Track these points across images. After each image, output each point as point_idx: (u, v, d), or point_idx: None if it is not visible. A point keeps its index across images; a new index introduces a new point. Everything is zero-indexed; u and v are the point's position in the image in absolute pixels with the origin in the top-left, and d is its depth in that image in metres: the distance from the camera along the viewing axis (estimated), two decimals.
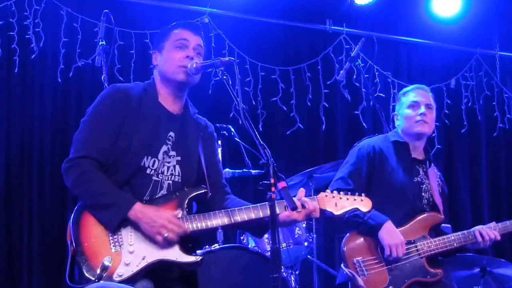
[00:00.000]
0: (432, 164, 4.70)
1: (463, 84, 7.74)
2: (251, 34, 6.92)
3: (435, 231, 4.49)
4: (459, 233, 4.48)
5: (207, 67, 3.52)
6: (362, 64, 5.32)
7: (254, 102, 6.85)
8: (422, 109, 4.55)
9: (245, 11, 6.87)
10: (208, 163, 3.67)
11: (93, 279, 3.18)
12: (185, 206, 3.46)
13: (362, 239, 4.35)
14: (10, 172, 5.98)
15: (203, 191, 3.54)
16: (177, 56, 3.55)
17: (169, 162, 3.52)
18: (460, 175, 7.69)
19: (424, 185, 4.56)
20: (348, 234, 4.40)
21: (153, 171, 3.46)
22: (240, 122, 3.34)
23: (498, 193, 7.87)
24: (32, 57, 6.08)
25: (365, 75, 6.85)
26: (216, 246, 4.58)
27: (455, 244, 4.44)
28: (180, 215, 3.41)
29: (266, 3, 6.88)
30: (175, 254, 3.37)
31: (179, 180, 3.54)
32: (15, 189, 5.97)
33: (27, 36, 6.08)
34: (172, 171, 3.52)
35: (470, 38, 7.73)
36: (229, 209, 3.48)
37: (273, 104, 6.95)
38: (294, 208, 3.18)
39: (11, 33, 6.03)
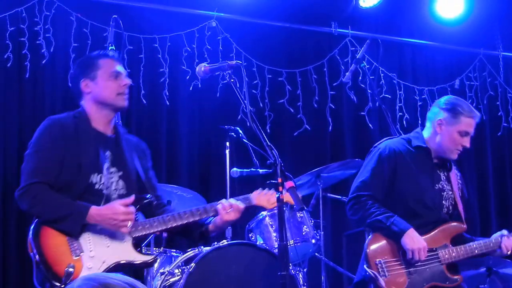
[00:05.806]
0: (453, 166, 4.63)
1: (467, 85, 7.78)
2: (258, 37, 6.98)
3: (458, 239, 4.47)
4: (480, 241, 4.48)
5: (215, 70, 3.60)
6: (368, 66, 5.34)
7: (261, 104, 6.90)
8: (467, 143, 4.47)
9: (252, 15, 6.93)
10: (144, 176, 3.94)
11: (60, 285, 3.43)
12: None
13: (385, 241, 4.35)
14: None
15: (148, 200, 3.81)
16: (115, 85, 3.81)
17: (112, 178, 3.75)
18: (466, 174, 7.68)
19: (445, 193, 4.51)
20: (371, 235, 4.41)
21: (102, 185, 3.71)
22: (248, 124, 3.40)
23: (504, 192, 7.90)
24: (43, 62, 6.14)
25: (371, 77, 6.88)
26: (224, 242, 4.65)
27: (476, 252, 4.44)
28: (129, 225, 3.66)
29: (272, 7, 6.95)
30: (132, 255, 3.67)
31: (125, 193, 3.77)
32: None
33: (37, 42, 6.14)
34: (116, 185, 3.77)
35: (474, 39, 7.78)
36: (174, 213, 3.77)
37: (280, 106, 7.00)
38: (301, 209, 3.25)
39: (22, 38, 6.10)
